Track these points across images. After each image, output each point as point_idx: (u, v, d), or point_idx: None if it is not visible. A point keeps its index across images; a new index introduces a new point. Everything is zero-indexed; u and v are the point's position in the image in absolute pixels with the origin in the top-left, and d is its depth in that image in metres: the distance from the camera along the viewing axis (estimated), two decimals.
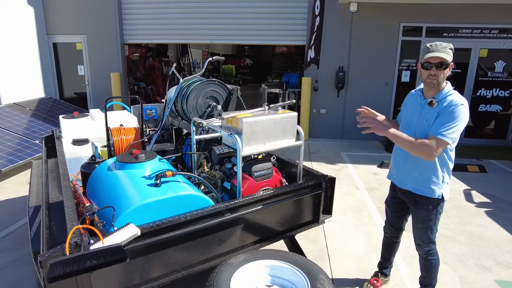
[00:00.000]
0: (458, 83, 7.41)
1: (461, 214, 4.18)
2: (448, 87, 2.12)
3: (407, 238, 3.46)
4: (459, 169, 5.81)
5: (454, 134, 1.97)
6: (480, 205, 4.47)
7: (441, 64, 2.02)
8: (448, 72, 2.06)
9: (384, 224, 2.71)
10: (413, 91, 2.40)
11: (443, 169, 2.16)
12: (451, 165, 2.19)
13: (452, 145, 2.06)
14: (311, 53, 6.96)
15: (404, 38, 7.40)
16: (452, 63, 2.06)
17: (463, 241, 3.55)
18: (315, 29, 6.80)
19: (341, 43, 7.52)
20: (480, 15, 7.00)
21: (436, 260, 2.37)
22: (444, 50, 2.02)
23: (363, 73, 7.61)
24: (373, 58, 7.51)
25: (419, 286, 2.53)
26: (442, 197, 2.19)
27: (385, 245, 2.72)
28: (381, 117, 2.42)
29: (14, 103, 6.98)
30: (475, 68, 7.34)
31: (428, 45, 2.09)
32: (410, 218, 2.52)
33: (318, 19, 6.73)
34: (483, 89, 7.44)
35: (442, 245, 3.43)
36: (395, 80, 7.64)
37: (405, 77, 7.61)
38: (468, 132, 7.55)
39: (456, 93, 2.09)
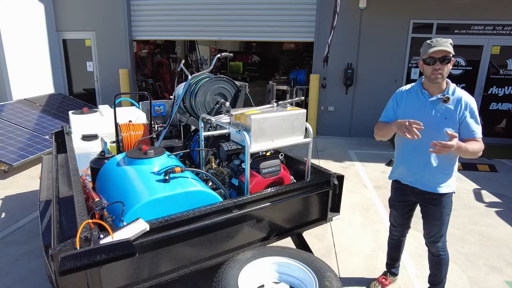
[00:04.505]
0: (469, 81, 7.31)
1: (470, 214, 4.12)
2: (451, 83, 2.18)
3: (413, 237, 3.44)
4: (469, 168, 5.74)
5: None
6: (490, 204, 4.41)
7: (444, 58, 2.05)
8: (450, 66, 2.09)
9: (390, 226, 2.66)
10: (404, 88, 2.34)
11: (456, 162, 2.26)
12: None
13: None
14: (326, 50, 6.87)
15: (414, 35, 7.30)
16: (453, 58, 2.10)
17: (473, 241, 3.51)
18: (333, 27, 6.71)
19: (349, 40, 7.45)
20: (492, 11, 6.87)
21: (447, 256, 2.38)
22: (445, 45, 2.05)
23: (372, 71, 7.54)
24: (382, 55, 7.43)
25: (429, 286, 2.51)
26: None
27: (392, 246, 2.69)
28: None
29: (24, 98, 7.08)
30: (486, 66, 7.21)
31: (428, 41, 2.11)
32: (415, 215, 2.50)
33: (337, 16, 6.62)
34: (494, 87, 7.31)
35: (451, 245, 3.39)
36: (404, 78, 7.55)
37: (415, 74, 7.51)
38: None
39: (460, 89, 2.18)
